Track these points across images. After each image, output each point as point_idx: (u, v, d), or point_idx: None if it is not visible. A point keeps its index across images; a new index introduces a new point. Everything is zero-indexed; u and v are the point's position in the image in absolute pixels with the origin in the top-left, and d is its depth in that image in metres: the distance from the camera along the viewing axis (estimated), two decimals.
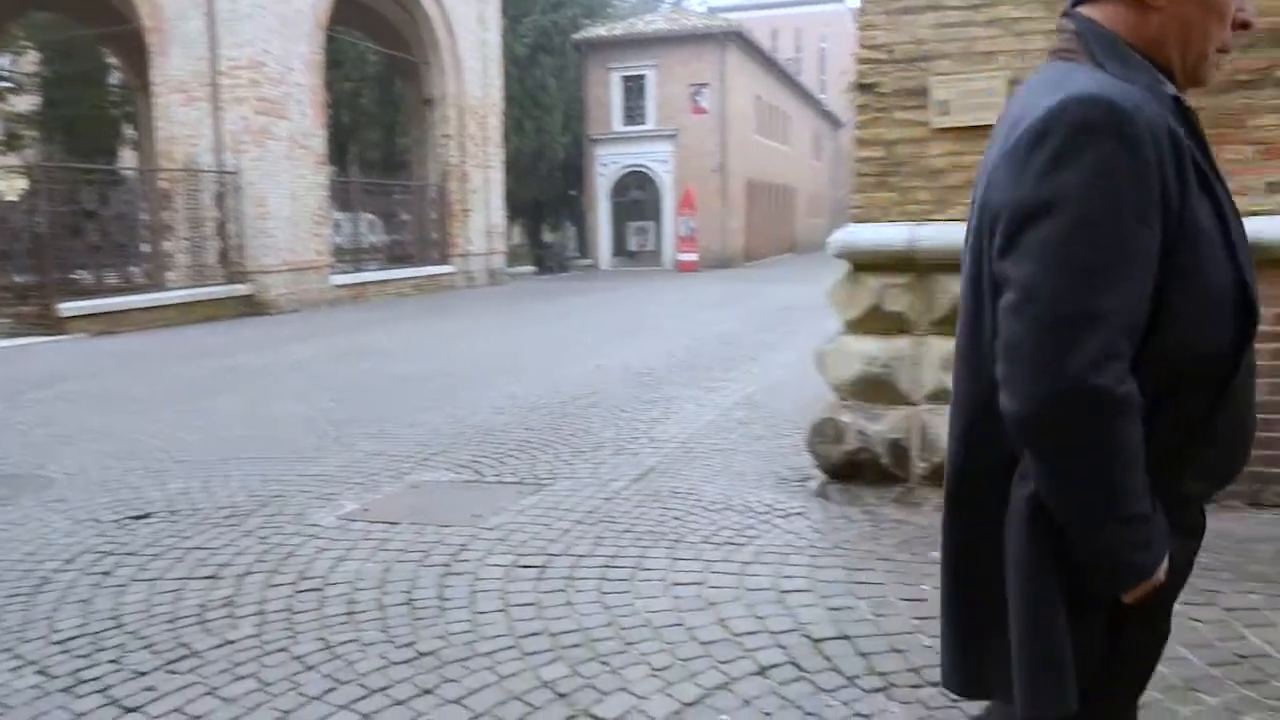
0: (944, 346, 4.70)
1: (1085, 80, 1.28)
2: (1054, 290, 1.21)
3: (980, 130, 4.65)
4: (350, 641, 3.37)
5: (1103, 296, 1.21)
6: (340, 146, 27.14)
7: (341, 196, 21.01)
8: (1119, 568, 1.32)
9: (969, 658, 1.50)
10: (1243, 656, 3.09)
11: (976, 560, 1.45)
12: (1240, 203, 4.48)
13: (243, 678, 3.13)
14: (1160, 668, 3.04)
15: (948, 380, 4.62)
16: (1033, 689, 1.35)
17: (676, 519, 4.62)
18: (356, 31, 23.95)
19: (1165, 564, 1.33)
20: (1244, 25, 1.39)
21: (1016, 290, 1.24)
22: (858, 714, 2.81)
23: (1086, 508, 1.28)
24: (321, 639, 3.40)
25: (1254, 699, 2.83)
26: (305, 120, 18.28)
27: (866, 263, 4.83)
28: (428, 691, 3.01)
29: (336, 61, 23.95)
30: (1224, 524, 4.32)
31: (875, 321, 4.82)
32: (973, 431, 1.43)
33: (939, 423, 4.64)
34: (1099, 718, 1.43)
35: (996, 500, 1.39)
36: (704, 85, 32.09)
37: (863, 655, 3.17)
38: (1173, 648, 3.14)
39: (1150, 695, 2.85)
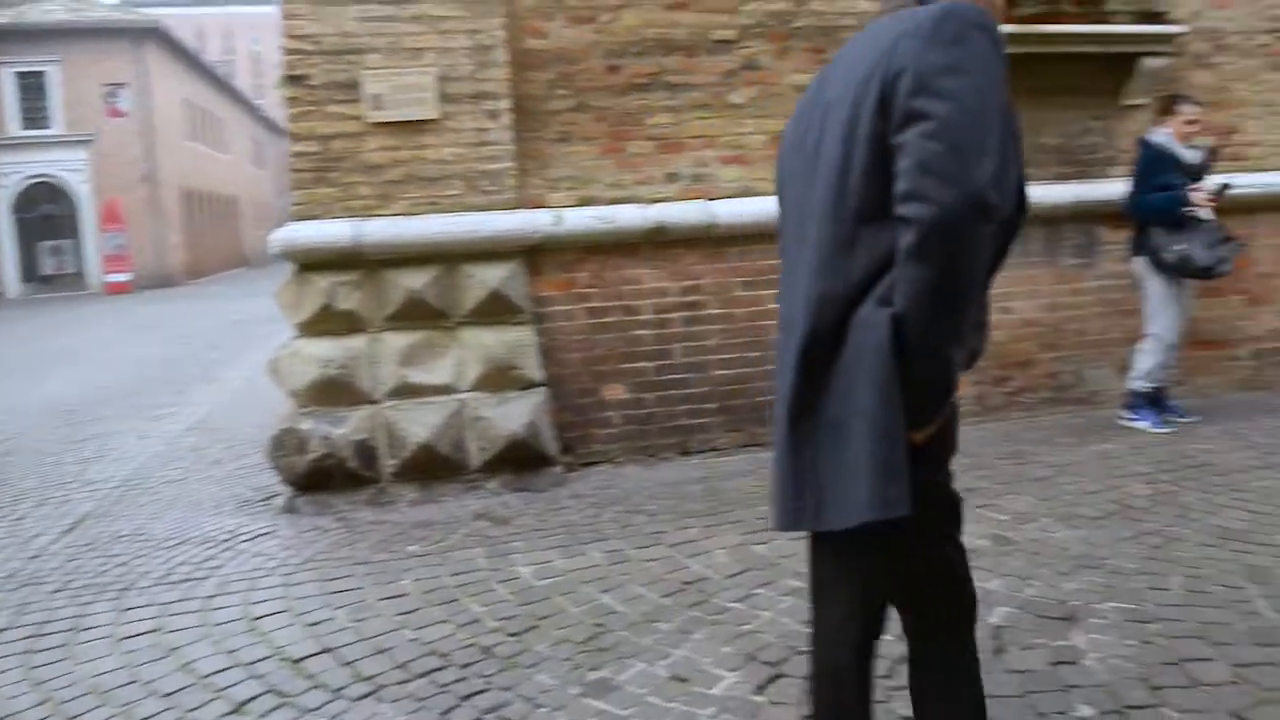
0: (400, 341, 4.69)
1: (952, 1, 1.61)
2: (963, 124, 1.50)
3: (415, 125, 4.70)
4: None
5: (990, 136, 1.52)
6: None
7: None
8: (942, 390, 1.59)
9: (800, 490, 1.68)
10: (688, 583, 3.48)
11: (817, 392, 1.66)
12: (643, 191, 5.01)
13: None
14: (619, 606, 3.31)
15: (409, 375, 4.66)
16: (885, 489, 1.57)
17: (122, 565, 4.05)
18: None
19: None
20: None
21: (934, 122, 1.50)
22: None
23: (951, 312, 1.53)
24: None
25: (700, 617, 3.20)
26: None
27: (313, 262, 4.63)
28: None
29: None
30: (660, 473, 4.87)
31: (328, 322, 4.65)
32: (829, 263, 1.64)
33: (403, 419, 4.62)
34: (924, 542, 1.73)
35: (838, 329, 1.62)
36: (121, 85, 28.89)
37: (347, 664, 3.03)
38: (629, 587, 3.46)
39: (617, 634, 3.10)
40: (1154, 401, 5.39)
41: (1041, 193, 5.57)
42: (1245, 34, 5.99)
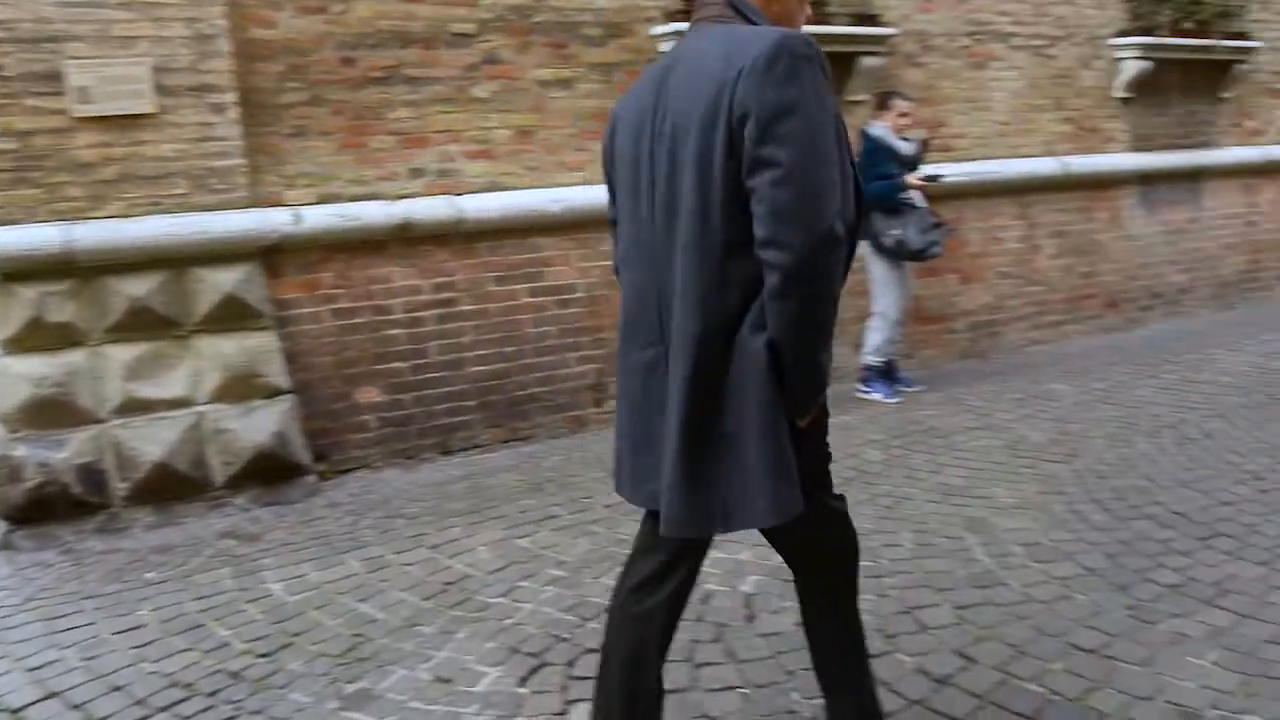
0: (125, 354, 4.33)
1: (779, 30, 1.75)
2: (807, 168, 1.65)
3: (130, 119, 4.35)
4: None
5: (831, 171, 1.68)
6: None
7: None
8: (818, 389, 1.79)
9: (703, 498, 1.80)
10: (450, 583, 3.42)
11: (710, 411, 1.79)
12: (387, 187, 4.86)
13: None
14: (379, 614, 3.22)
15: (137, 390, 4.31)
16: (776, 494, 1.75)
17: None
18: None
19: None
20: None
21: (781, 168, 1.64)
22: None
23: (817, 337, 1.73)
24: None
25: (463, 616, 3.16)
26: None
27: (16, 271, 4.18)
28: None
29: None
30: (421, 474, 4.77)
31: (39, 336, 4.21)
32: (707, 300, 1.76)
33: (134, 438, 4.28)
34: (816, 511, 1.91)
35: (724, 356, 1.77)
36: None
37: (76, 708, 2.77)
38: (389, 594, 3.36)
39: (377, 643, 3.00)
40: (885, 374, 5.82)
41: None
42: (948, 36, 6.57)
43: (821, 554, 2.05)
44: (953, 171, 6.31)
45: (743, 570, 3.40)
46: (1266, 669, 2.61)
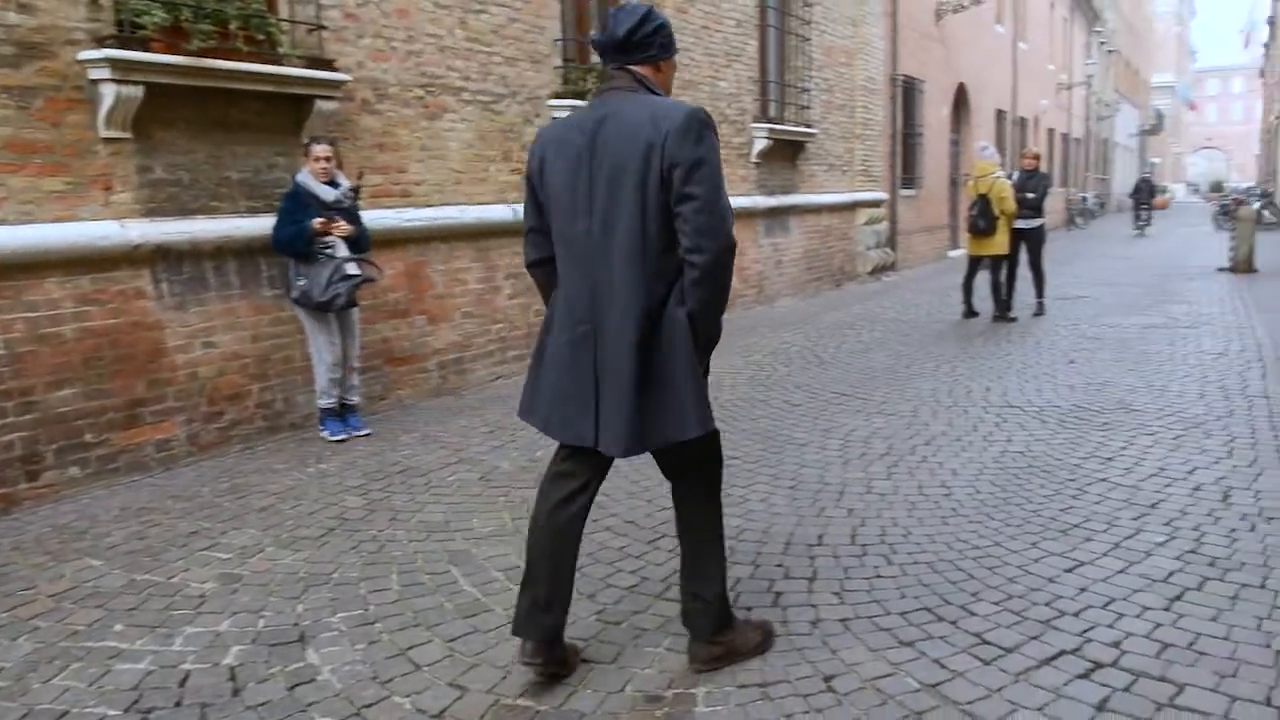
0: None
1: (681, 103, 2.58)
2: (717, 199, 2.50)
3: None
4: None
5: (726, 200, 2.53)
6: None
7: None
8: (715, 343, 2.68)
9: (644, 425, 2.60)
10: None
11: (649, 363, 2.59)
12: None
13: None
14: None
15: None
16: (699, 414, 2.60)
17: None
18: None
19: None
20: None
21: (700, 200, 2.47)
22: None
23: (719, 308, 2.62)
24: None
25: None
26: None
27: None
28: None
29: None
30: None
31: None
32: (645, 288, 2.57)
33: None
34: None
35: (656, 325, 2.59)
36: None
37: None
38: None
39: None
40: (335, 414, 5.91)
41: (232, 227, 5.59)
42: (402, 86, 6.78)
43: (710, 458, 2.85)
44: (413, 217, 6.55)
45: (223, 642, 3.18)
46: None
